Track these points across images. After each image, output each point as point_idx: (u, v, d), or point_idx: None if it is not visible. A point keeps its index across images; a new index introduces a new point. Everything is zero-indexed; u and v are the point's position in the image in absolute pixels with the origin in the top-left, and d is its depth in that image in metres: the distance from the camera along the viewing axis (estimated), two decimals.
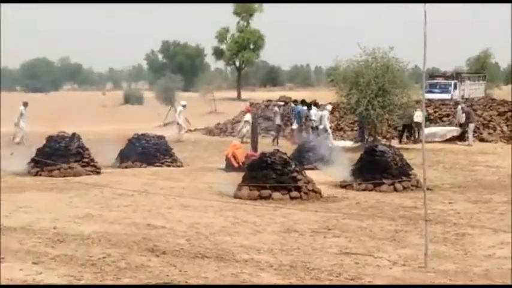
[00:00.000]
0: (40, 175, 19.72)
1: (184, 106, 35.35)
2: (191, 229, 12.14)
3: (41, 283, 8.46)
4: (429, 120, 34.23)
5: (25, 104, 32.02)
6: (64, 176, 19.64)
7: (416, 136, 32.31)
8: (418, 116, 31.05)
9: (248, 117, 33.26)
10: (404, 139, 32.58)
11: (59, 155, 20.53)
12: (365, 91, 29.90)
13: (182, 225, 12.46)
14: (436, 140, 31.70)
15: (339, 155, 21.96)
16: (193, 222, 12.72)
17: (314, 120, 31.70)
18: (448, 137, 32.53)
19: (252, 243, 11.01)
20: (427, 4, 9.40)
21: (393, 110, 30.41)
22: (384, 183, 17.24)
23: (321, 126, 31.28)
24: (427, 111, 34.81)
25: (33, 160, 20.47)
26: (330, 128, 32.49)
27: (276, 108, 35.14)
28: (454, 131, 32.92)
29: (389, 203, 15.39)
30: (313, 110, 32.24)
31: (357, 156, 19.40)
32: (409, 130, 32.94)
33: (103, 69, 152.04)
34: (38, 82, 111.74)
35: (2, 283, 8.43)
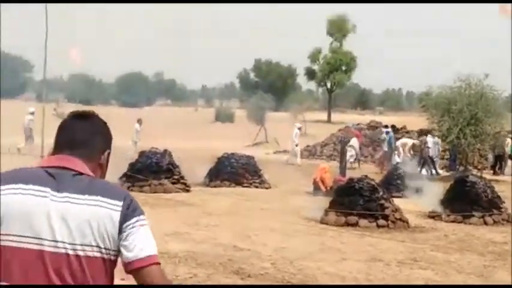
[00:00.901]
0: (131, 190, 20.12)
1: (299, 129, 35.29)
2: (276, 253, 12.20)
3: None
4: None
5: (139, 121, 32.88)
6: (154, 192, 20.03)
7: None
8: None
9: (354, 142, 33.06)
10: (497, 170, 31.86)
11: (150, 171, 20.96)
12: (457, 118, 29.43)
13: (268, 249, 12.53)
14: None
15: (428, 183, 21.72)
16: (279, 246, 12.78)
17: (429, 148, 30.98)
18: None
19: (337, 271, 11.00)
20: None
21: (485, 139, 29.82)
22: (473, 215, 16.92)
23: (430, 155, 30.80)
24: None
25: (125, 175, 20.95)
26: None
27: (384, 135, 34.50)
28: None
29: (478, 236, 15.08)
30: (429, 137, 31.38)
31: (446, 185, 19.11)
32: (501, 161, 32.18)
33: (196, 86, 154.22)
34: (132, 97, 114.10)
35: None
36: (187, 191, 20.91)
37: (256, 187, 22.79)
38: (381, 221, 15.67)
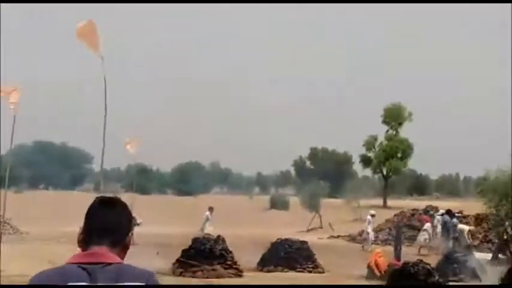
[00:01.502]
0: (184, 276, 20.16)
1: (373, 216, 35.28)
2: None
3: None
4: None
5: (210, 209, 33.05)
6: (207, 278, 20.00)
7: None
8: None
9: (428, 226, 33.21)
10: None
11: (203, 257, 20.99)
12: None
13: None
14: None
15: (486, 268, 21.28)
16: None
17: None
18: None
19: None
20: None
21: None
22: None
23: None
24: None
25: (178, 261, 21.00)
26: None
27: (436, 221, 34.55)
28: None
29: None
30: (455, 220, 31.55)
31: (505, 269, 18.64)
32: None
33: (251, 174, 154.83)
34: (188, 186, 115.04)
35: None
36: (240, 276, 20.82)
37: (310, 272, 22.60)
38: None
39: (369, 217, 34.78)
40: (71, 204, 36.46)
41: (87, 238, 3.30)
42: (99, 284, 3.15)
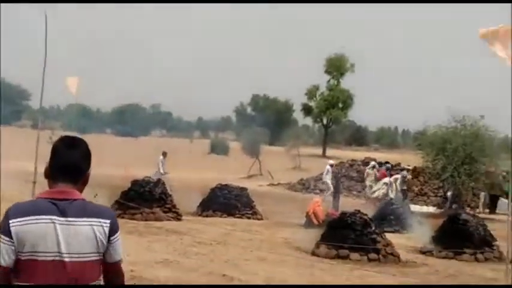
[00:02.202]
0: (122, 217, 20.04)
1: (331, 165, 35.06)
2: (266, 283, 12.12)
3: None
4: None
5: (164, 154, 32.79)
6: (145, 220, 19.96)
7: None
8: None
9: (387, 180, 33.04)
10: (487, 210, 31.80)
11: (142, 199, 20.91)
12: (452, 157, 29.52)
13: (258, 278, 12.46)
14: None
15: (421, 220, 21.71)
16: (269, 277, 12.71)
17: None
18: None
19: None
20: None
21: (479, 178, 29.91)
22: (465, 252, 16.88)
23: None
24: None
25: (116, 202, 20.88)
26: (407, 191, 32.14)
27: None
28: None
29: (469, 273, 15.02)
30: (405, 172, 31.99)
31: (439, 222, 19.07)
32: (496, 200, 32.12)
33: (192, 118, 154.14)
34: (129, 127, 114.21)
35: None
36: (179, 219, 20.86)
37: (249, 218, 22.76)
38: (372, 255, 15.62)
39: (328, 167, 34.47)
40: (7, 139, 35.83)
41: (53, 175, 3.83)
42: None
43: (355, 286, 8.44)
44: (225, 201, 23.14)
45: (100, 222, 3.74)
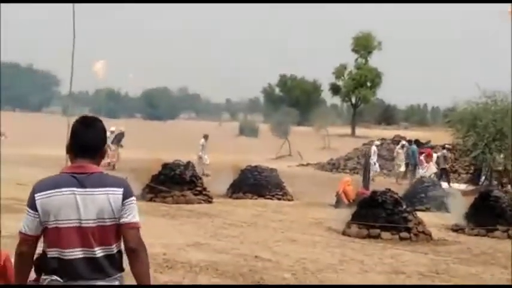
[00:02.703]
0: (154, 201, 20.18)
1: (377, 146, 34.76)
2: (298, 264, 12.14)
3: None
4: None
5: (205, 137, 33.08)
6: (177, 203, 20.07)
7: None
8: None
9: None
10: None
11: (173, 183, 21.02)
12: (482, 134, 29.28)
13: (289, 260, 12.48)
14: None
15: (452, 197, 21.60)
16: (300, 257, 12.72)
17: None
18: None
19: (358, 282, 10.93)
20: None
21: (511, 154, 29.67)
22: (497, 229, 16.77)
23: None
24: None
25: (148, 186, 21.01)
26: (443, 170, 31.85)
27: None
28: None
29: (502, 250, 14.91)
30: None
31: (470, 200, 18.95)
32: None
33: (220, 100, 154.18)
34: (157, 110, 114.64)
35: None
36: (210, 202, 20.93)
37: (279, 199, 22.76)
38: (404, 234, 15.57)
39: (374, 147, 34.25)
40: (39, 126, 36.16)
41: (73, 152, 4.34)
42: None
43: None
44: (255, 183, 23.15)
45: (114, 190, 4.23)
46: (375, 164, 33.12)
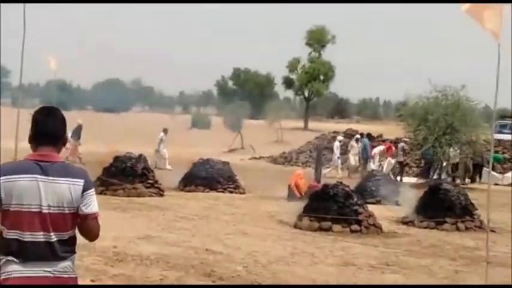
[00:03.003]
0: (105, 194, 20.00)
1: (340, 141, 34.44)
2: (249, 257, 12.15)
3: None
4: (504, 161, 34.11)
5: (165, 131, 32.89)
6: (128, 196, 19.93)
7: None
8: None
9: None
10: (468, 180, 31.97)
11: (124, 175, 20.86)
12: (433, 128, 29.63)
13: (240, 252, 12.49)
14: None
15: (402, 190, 21.83)
16: (252, 250, 12.74)
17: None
18: None
19: (308, 274, 10.98)
20: (501, 34, 9.20)
21: (461, 148, 30.11)
22: (446, 222, 16.98)
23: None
24: (502, 154, 34.62)
25: (99, 179, 20.81)
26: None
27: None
28: None
29: (450, 242, 15.13)
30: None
31: (420, 193, 19.16)
32: (480, 170, 32.24)
33: (173, 93, 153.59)
34: (109, 102, 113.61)
35: None
36: (161, 195, 20.84)
37: (231, 192, 22.75)
38: (354, 226, 15.68)
39: (337, 143, 34.02)
40: None
41: (35, 141, 4.53)
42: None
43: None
44: (207, 176, 23.10)
45: (76, 181, 4.46)
46: (338, 158, 33.32)
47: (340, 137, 36.34)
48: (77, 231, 4.60)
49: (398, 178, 30.99)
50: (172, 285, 8.66)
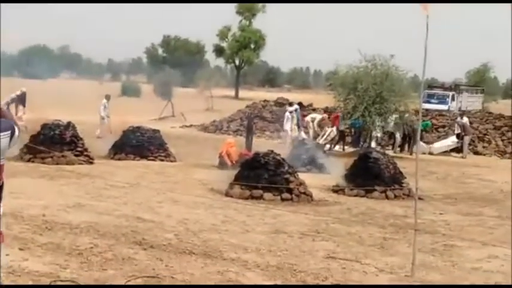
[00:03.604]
0: (33, 162, 19.66)
1: (291, 112, 32.39)
2: (180, 225, 12.11)
3: (26, 270, 8.44)
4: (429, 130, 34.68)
5: (107, 97, 32.33)
6: (57, 164, 19.61)
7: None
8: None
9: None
10: (397, 149, 32.44)
11: (52, 143, 20.51)
12: (363, 97, 29.93)
13: (171, 220, 12.43)
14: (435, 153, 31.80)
15: (333, 159, 22.06)
16: (183, 218, 12.70)
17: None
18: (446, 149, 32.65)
19: (240, 242, 10.99)
20: (430, 7, 9.33)
21: (389, 117, 30.53)
22: (375, 190, 17.22)
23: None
24: (430, 121, 35.21)
25: (26, 146, 20.41)
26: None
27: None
28: (454, 144, 32.91)
29: (380, 210, 15.37)
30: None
31: (350, 161, 19.38)
32: (410, 139, 32.67)
33: (102, 60, 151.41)
34: (36, 69, 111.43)
35: None
36: (91, 163, 20.58)
37: (162, 160, 22.63)
38: (285, 195, 15.78)
39: (288, 114, 32.28)
40: None
41: None
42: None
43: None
44: (137, 144, 22.89)
45: (4, 133, 4.71)
46: (288, 130, 31.83)
47: (291, 108, 33.75)
48: None
49: (339, 147, 31.19)
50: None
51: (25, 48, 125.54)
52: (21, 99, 32.07)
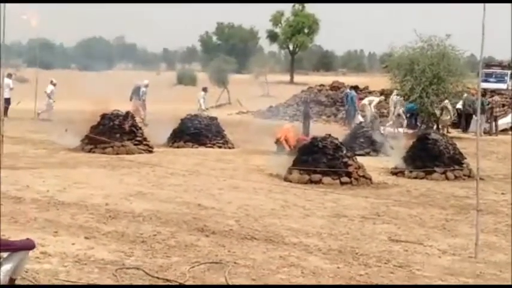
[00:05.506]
0: (93, 152, 19.95)
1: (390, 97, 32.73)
2: (241, 210, 12.20)
3: (92, 258, 8.61)
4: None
5: (204, 90, 33.06)
6: (117, 154, 19.87)
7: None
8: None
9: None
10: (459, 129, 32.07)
11: (112, 133, 20.79)
12: (419, 78, 29.68)
13: (232, 207, 12.53)
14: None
15: (392, 141, 21.92)
16: (243, 204, 12.78)
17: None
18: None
19: (300, 227, 11.03)
20: None
21: (447, 98, 30.18)
22: (435, 171, 17.08)
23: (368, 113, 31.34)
24: (488, 102, 34.65)
25: (87, 137, 20.74)
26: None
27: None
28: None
29: (440, 191, 15.25)
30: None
31: (409, 143, 19.24)
32: (469, 119, 32.25)
33: (157, 50, 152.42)
34: (93, 61, 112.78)
35: (55, 256, 8.61)
36: (150, 152, 20.81)
37: (220, 147, 22.79)
38: (344, 178, 15.75)
39: (394, 97, 31.77)
40: None
41: None
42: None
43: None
44: (195, 132, 23.10)
45: None
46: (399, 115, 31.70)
47: (382, 97, 33.93)
48: None
49: (402, 130, 30.80)
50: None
51: (82, 40, 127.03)
52: (137, 93, 32.48)
